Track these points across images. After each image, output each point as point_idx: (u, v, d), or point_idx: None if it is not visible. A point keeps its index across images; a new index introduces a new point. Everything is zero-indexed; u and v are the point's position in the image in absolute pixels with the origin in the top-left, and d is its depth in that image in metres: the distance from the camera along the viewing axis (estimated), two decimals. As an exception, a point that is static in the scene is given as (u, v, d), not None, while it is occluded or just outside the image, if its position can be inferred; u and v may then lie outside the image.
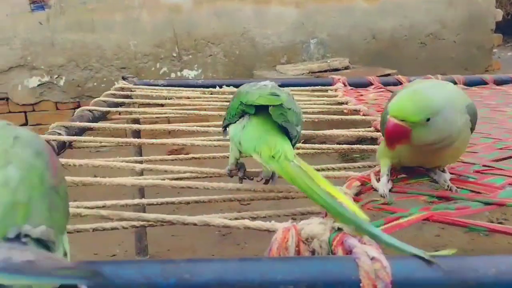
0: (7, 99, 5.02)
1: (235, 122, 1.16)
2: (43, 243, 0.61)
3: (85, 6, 4.94)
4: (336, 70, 4.93)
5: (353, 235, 0.88)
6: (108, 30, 5.02)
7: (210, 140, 1.62)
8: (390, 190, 1.14)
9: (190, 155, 1.60)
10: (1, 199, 0.61)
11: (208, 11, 5.20)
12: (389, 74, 4.68)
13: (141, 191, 2.57)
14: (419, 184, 1.23)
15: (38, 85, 5.01)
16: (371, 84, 2.64)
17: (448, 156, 1.17)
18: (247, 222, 0.97)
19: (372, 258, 0.75)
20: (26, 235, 0.60)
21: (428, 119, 1.04)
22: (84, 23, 4.97)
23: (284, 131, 1.08)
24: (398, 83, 2.63)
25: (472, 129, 1.17)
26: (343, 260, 0.79)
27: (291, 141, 1.08)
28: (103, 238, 2.68)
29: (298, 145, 1.43)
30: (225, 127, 1.23)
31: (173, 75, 5.26)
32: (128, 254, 2.84)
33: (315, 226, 0.93)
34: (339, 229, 0.91)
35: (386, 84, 2.64)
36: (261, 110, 1.10)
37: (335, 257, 0.83)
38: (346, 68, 5.04)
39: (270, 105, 1.07)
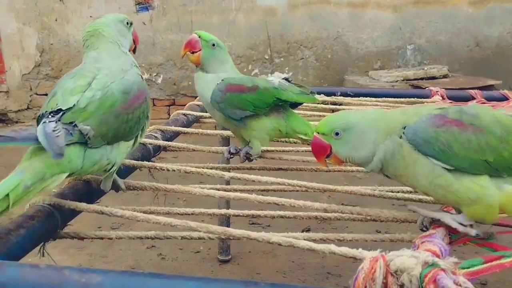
0: (110, 93, 5.38)
1: (263, 115, 1.57)
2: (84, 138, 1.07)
3: (185, 7, 5.15)
4: (434, 78, 4.69)
5: (447, 273, 0.82)
6: (205, 31, 5.18)
7: (299, 152, 1.61)
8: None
9: (277, 166, 1.59)
10: (79, 105, 1.09)
11: (302, 14, 5.18)
12: (492, 85, 4.36)
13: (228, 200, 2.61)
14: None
15: (138, 82, 5.31)
16: (473, 98, 2.46)
17: (421, 188, 1.07)
18: (333, 247, 0.94)
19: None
20: (75, 125, 1.06)
21: (337, 133, 1.10)
22: (183, 24, 5.18)
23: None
24: (504, 98, 2.43)
25: (431, 156, 1.00)
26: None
27: None
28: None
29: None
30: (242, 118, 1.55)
31: (264, 77, 5.31)
32: (210, 252, 2.92)
33: (406, 259, 0.88)
34: (433, 264, 0.86)
35: (490, 99, 2.45)
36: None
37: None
38: (445, 76, 4.77)
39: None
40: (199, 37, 1.59)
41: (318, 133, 1.13)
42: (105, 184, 1.23)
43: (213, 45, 1.58)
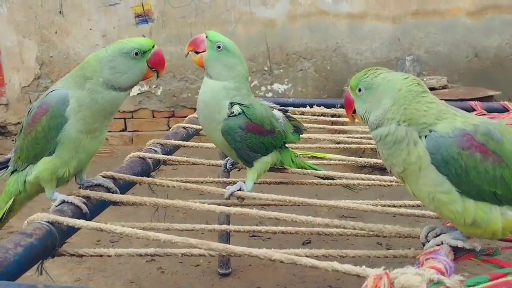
0: (110, 105, 5.38)
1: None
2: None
3: (184, 20, 5.17)
4: (433, 89, 4.69)
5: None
6: (204, 43, 5.20)
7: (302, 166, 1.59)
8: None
9: (278, 180, 1.58)
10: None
11: (302, 26, 5.20)
12: (492, 96, 4.37)
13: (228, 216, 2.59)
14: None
15: (138, 93, 5.31)
16: (473, 110, 2.46)
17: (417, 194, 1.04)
18: (336, 265, 0.92)
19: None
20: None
21: (359, 90, 1.06)
22: (182, 36, 5.20)
23: None
24: (504, 109, 2.42)
25: (445, 170, 0.96)
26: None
27: None
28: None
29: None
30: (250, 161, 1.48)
31: (263, 88, 5.33)
32: (211, 266, 2.89)
33: (410, 276, 0.87)
34: (438, 282, 0.84)
35: (490, 110, 2.45)
36: None
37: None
38: (444, 87, 4.78)
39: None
40: (206, 36, 1.46)
41: (351, 87, 1.11)
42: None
43: (219, 47, 1.44)
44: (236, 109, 1.41)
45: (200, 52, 1.46)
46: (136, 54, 1.25)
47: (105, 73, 1.22)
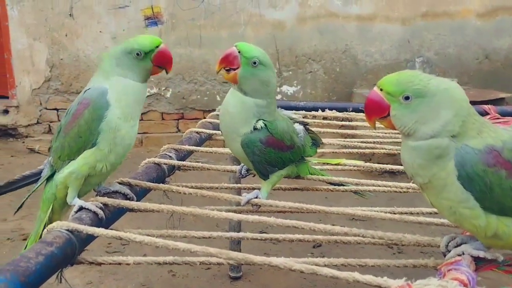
0: (119, 108, 5.39)
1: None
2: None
3: (194, 22, 5.18)
4: (443, 91, 4.66)
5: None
6: (214, 46, 5.21)
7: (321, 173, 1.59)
8: None
9: (293, 186, 1.58)
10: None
11: (311, 28, 5.20)
12: (503, 98, 4.33)
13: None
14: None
15: (147, 96, 5.32)
16: (487, 113, 2.44)
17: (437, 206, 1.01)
18: (357, 276, 0.92)
19: None
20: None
21: (407, 97, 0.95)
22: (192, 38, 5.21)
23: None
24: (518, 113, 2.41)
25: (469, 187, 0.93)
26: None
27: None
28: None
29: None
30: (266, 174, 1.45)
31: (272, 90, 5.33)
32: (221, 269, 2.89)
33: (433, 288, 0.86)
34: (462, 294, 0.83)
35: (504, 114, 2.43)
36: None
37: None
38: (454, 89, 4.74)
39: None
40: (239, 51, 1.36)
41: (381, 89, 0.99)
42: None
43: (255, 63, 1.35)
44: (260, 124, 1.37)
45: (232, 69, 1.36)
46: (138, 54, 1.28)
47: (117, 70, 1.28)
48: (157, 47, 1.30)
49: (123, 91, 1.27)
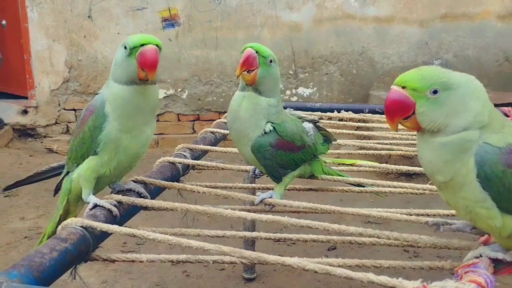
0: (136, 109, 5.44)
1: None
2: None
3: (210, 24, 5.20)
4: (462, 94, 4.59)
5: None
6: (230, 47, 5.23)
7: (333, 173, 1.57)
8: None
9: (307, 187, 1.57)
10: None
11: (327, 30, 5.17)
12: (524, 101, 4.25)
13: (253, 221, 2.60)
14: None
15: (164, 97, 5.36)
16: (507, 116, 2.40)
17: (455, 204, 0.98)
18: (372, 276, 0.91)
19: None
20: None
21: (435, 91, 0.91)
22: (208, 40, 5.23)
23: None
24: (539, 116, 2.36)
25: (485, 185, 0.91)
26: None
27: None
28: (214, 252, 2.75)
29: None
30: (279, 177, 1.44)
31: (288, 92, 5.32)
32: (235, 270, 2.89)
33: (449, 291, 0.84)
34: (479, 297, 0.81)
35: (524, 116, 2.38)
36: None
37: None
38: (473, 92, 4.67)
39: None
40: (256, 52, 1.36)
41: (404, 87, 0.94)
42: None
43: (271, 61, 1.37)
44: (268, 127, 1.37)
45: (252, 70, 1.35)
46: (125, 48, 1.20)
47: (114, 69, 1.25)
48: (142, 45, 1.19)
49: (118, 101, 1.22)
